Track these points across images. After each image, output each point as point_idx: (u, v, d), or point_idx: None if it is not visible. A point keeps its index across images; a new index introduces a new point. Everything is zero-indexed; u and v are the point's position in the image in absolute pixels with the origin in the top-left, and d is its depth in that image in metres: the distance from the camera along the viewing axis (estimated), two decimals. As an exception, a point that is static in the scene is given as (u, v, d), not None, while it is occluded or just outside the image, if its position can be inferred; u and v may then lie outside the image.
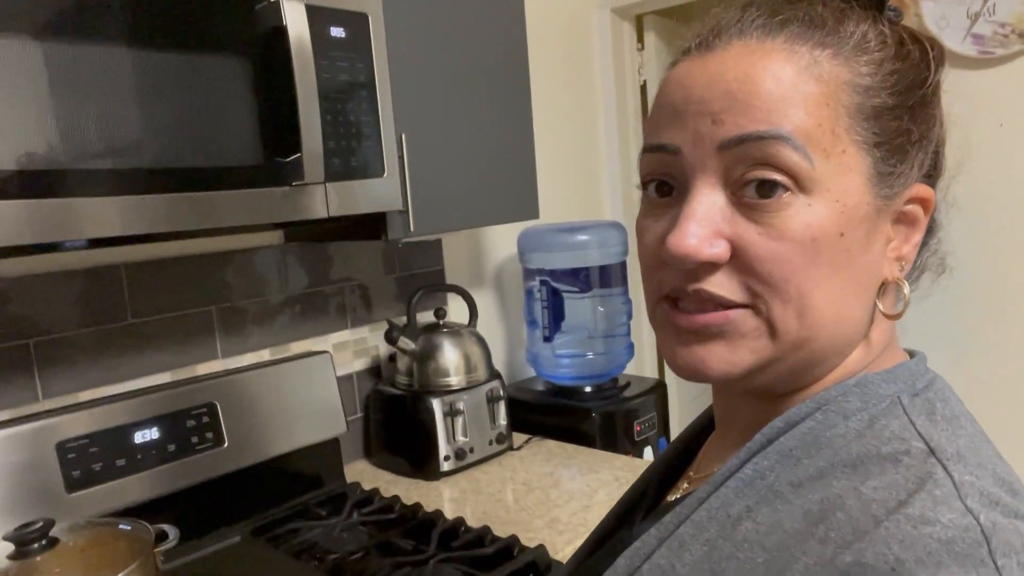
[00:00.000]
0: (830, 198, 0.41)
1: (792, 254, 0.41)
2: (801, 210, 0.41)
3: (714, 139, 0.42)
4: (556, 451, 1.52)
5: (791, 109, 0.41)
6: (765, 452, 0.43)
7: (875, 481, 0.38)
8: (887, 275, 0.45)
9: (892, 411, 0.42)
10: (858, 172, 0.42)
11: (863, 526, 0.36)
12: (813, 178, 0.41)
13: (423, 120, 1.23)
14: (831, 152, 0.41)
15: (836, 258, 0.42)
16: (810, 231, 0.41)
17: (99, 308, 1.17)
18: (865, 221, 0.42)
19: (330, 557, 1.10)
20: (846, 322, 0.44)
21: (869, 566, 0.35)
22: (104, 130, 0.82)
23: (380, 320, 1.57)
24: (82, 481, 1.06)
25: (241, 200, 0.94)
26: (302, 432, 1.32)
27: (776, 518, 0.40)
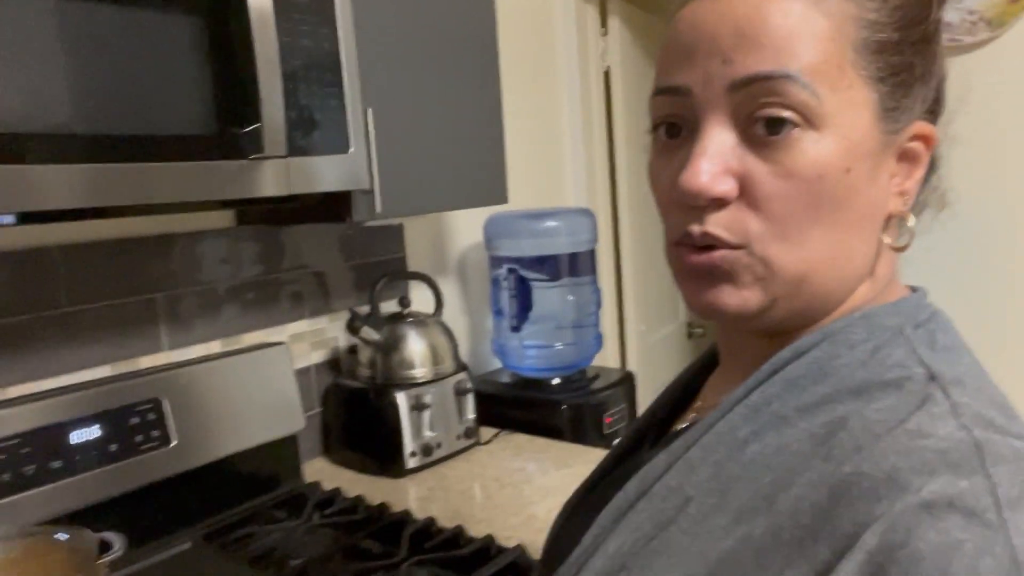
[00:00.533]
0: (838, 133, 0.42)
1: (798, 191, 0.42)
2: (810, 146, 0.42)
3: (724, 79, 0.42)
4: (526, 445, 1.47)
5: (799, 45, 0.41)
6: (772, 380, 0.44)
7: (877, 404, 0.40)
8: (891, 209, 0.46)
9: (895, 341, 0.44)
10: (864, 107, 0.43)
11: (863, 442, 0.38)
12: (821, 113, 0.41)
13: (390, 95, 1.16)
14: (838, 86, 0.42)
15: (841, 194, 0.42)
16: (816, 167, 0.42)
17: (30, 295, 1.06)
18: (871, 156, 0.43)
19: (291, 563, 1.02)
20: (849, 257, 0.45)
21: (866, 474, 0.37)
22: (30, 90, 0.72)
23: (339, 310, 1.48)
24: (13, 486, 0.96)
25: (191, 173, 0.86)
26: (257, 429, 1.23)
27: (782, 440, 0.41)
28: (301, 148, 0.96)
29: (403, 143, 1.19)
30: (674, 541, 0.42)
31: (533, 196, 1.96)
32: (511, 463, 1.38)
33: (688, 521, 0.42)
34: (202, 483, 1.16)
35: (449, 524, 1.10)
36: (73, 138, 0.76)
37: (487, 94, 1.36)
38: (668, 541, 0.42)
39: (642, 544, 0.43)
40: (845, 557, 0.35)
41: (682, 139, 0.46)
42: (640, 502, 0.45)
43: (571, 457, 1.39)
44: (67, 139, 0.75)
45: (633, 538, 0.44)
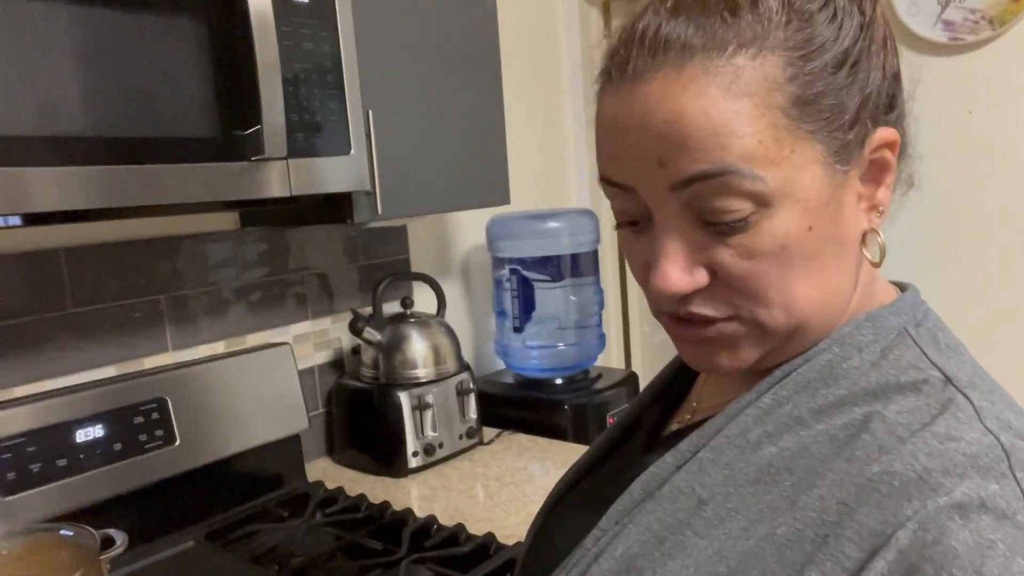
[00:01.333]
0: (790, 202, 0.41)
1: (766, 267, 0.42)
2: (767, 225, 0.41)
3: (664, 181, 0.42)
4: (528, 445, 1.47)
5: (727, 138, 0.40)
6: (783, 383, 0.45)
7: (897, 406, 0.41)
8: (866, 227, 0.45)
9: (902, 342, 0.44)
10: (812, 162, 0.41)
11: (889, 444, 0.39)
12: (769, 192, 0.41)
13: (391, 97, 1.17)
14: (779, 159, 0.41)
15: (810, 249, 0.42)
16: (777, 240, 0.42)
17: (37, 296, 1.08)
18: (831, 202, 0.43)
19: (294, 560, 1.02)
20: (836, 292, 0.45)
21: (897, 473, 0.37)
22: (38, 93, 0.74)
23: (342, 311, 1.49)
24: (19, 484, 0.97)
25: (194, 175, 0.87)
26: (260, 429, 1.24)
27: (801, 443, 0.42)
28: (303, 150, 0.97)
29: (404, 144, 1.20)
30: (688, 543, 0.42)
31: (535, 197, 1.97)
32: (513, 463, 1.38)
33: (703, 524, 0.42)
34: (206, 482, 1.17)
35: (450, 523, 1.11)
36: (80, 141, 0.77)
37: (489, 95, 1.37)
38: (682, 543, 0.42)
39: (653, 546, 0.43)
40: (878, 555, 0.35)
41: (644, 226, 0.46)
42: (647, 503, 0.45)
43: (573, 457, 1.38)
44: (75, 142, 0.76)
45: (641, 540, 0.44)
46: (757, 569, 0.39)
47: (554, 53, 2.02)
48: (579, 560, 0.47)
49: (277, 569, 1.01)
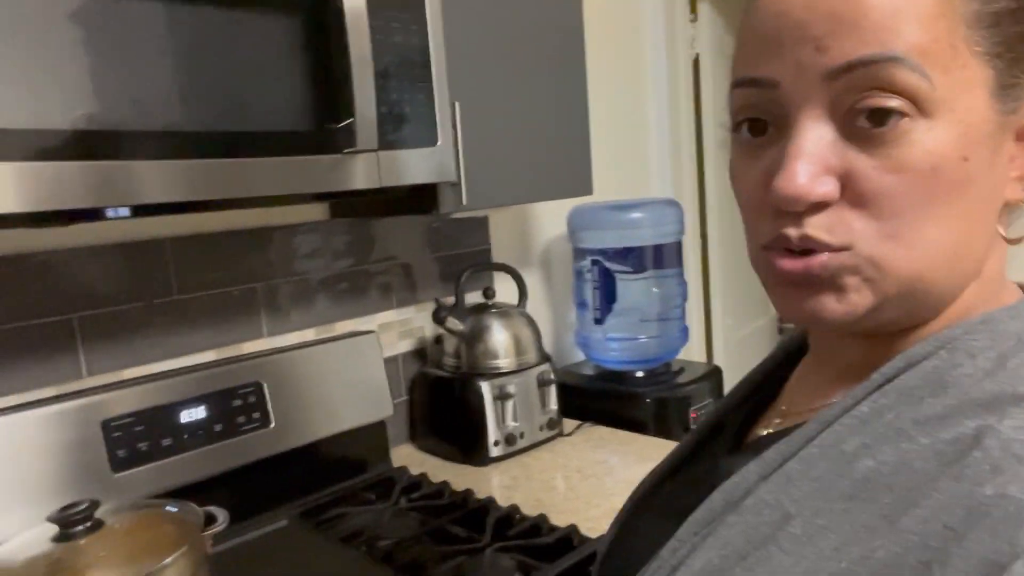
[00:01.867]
0: (953, 119, 0.37)
1: (910, 187, 0.38)
2: (922, 136, 0.37)
3: (819, 68, 0.38)
4: (608, 438, 1.46)
5: (904, 24, 0.36)
6: (883, 390, 0.40)
7: (1014, 421, 0.35)
8: (1009, 196, 0.41)
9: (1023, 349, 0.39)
10: (980, 86, 0.38)
11: (1004, 463, 0.34)
12: (933, 99, 0.37)
13: (477, 89, 1.17)
14: (951, 67, 0.37)
15: (958, 186, 0.38)
16: (931, 159, 0.37)
17: (144, 283, 1.14)
18: (989, 140, 0.38)
19: (380, 543, 1.05)
20: (965, 254, 0.40)
21: (1012, 498, 0.33)
22: (142, 91, 0.77)
23: (425, 300, 1.52)
24: (128, 461, 1.03)
25: (287, 168, 0.89)
26: (348, 414, 1.28)
27: (903, 457, 0.37)
28: (392, 142, 0.99)
29: (489, 136, 1.20)
30: (774, 560, 0.38)
31: (618, 187, 1.95)
32: (593, 455, 1.38)
33: (789, 540, 0.38)
34: (298, 464, 1.22)
35: (532, 513, 1.11)
36: (179, 135, 0.80)
37: (572, 85, 1.36)
38: (766, 560, 0.39)
39: (734, 562, 0.40)
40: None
41: (769, 137, 0.41)
42: (729, 516, 0.42)
43: (655, 451, 1.37)
44: (173, 136, 0.80)
45: (722, 555, 0.40)
46: None
47: (638, 42, 1.98)
48: (655, 572, 0.44)
49: (366, 550, 1.04)
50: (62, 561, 0.77)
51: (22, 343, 1.03)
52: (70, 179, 0.72)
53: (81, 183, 0.73)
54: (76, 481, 0.98)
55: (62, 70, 0.71)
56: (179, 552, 0.78)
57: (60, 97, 0.71)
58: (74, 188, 0.72)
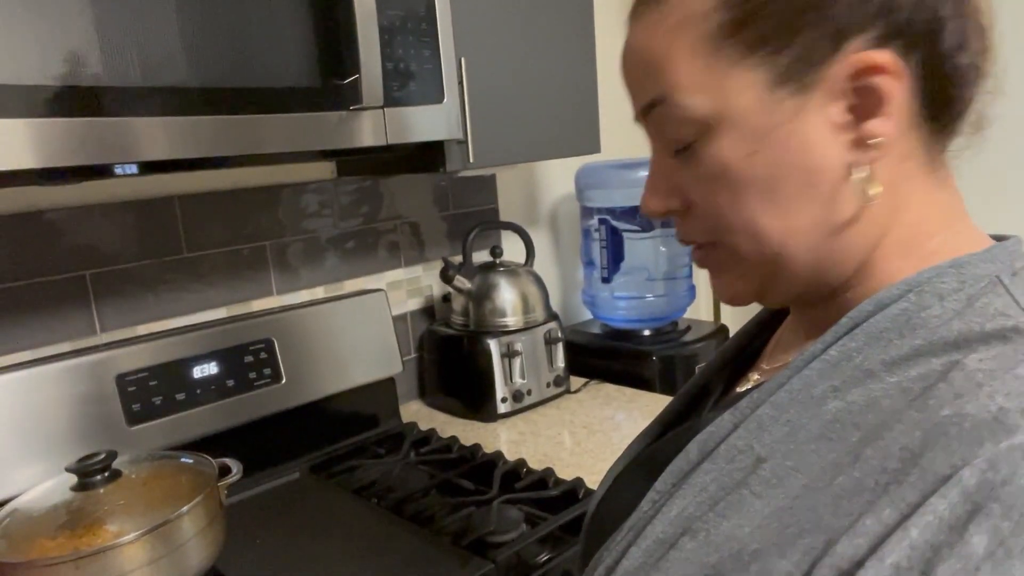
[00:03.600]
0: (727, 126, 0.42)
1: (716, 190, 0.43)
2: (710, 149, 0.43)
3: (636, 113, 0.47)
4: (615, 395, 1.48)
5: (663, 70, 0.43)
6: (852, 334, 0.41)
7: (979, 355, 0.37)
8: (849, 160, 0.41)
9: (993, 290, 0.40)
10: (748, 88, 0.41)
11: (965, 390, 0.35)
12: (705, 117, 0.42)
13: (483, 45, 1.16)
14: (711, 86, 0.42)
15: (759, 177, 0.42)
16: (719, 164, 0.43)
17: (154, 241, 1.15)
18: (779, 129, 0.41)
19: (391, 495, 1.08)
20: (817, 226, 0.42)
21: (969, 415, 0.34)
22: (150, 47, 0.77)
23: (433, 259, 1.53)
24: (142, 414, 1.05)
25: (294, 124, 0.89)
26: (358, 371, 1.30)
27: (871, 396, 0.38)
28: (398, 99, 0.98)
29: (496, 92, 1.19)
30: (745, 504, 0.39)
31: (626, 145, 1.93)
32: (601, 412, 1.40)
33: (760, 483, 0.39)
34: (309, 419, 1.24)
35: (538, 467, 1.13)
36: (186, 92, 0.80)
37: (580, 42, 1.34)
38: (738, 503, 0.40)
39: (707, 507, 0.41)
40: (936, 494, 0.33)
41: None
42: (704, 463, 0.43)
43: (660, 408, 1.38)
44: (181, 92, 0.80)
45: (697, 501, 0.42)
46: (811, 523, 0.36)
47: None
48: (635, 523, 0.45)
49: (376, 502, 1.06)
50: (82, 509, 0.80)
51: (37, 299, 1.05)
52: (79, 135, 0.73)
53: (90, 139, 0.73)
54: (92, 434, 1.01)
55: (70, 26, 0.71)
56: (195, 501, 0.81)
57: (68, 53, 0.71)
58: (83, 144, 0.73)
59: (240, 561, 0.94)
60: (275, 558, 0.96)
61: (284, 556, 0.96)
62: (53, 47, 0.70)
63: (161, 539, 0.77)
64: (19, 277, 1.03)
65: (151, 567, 0.77)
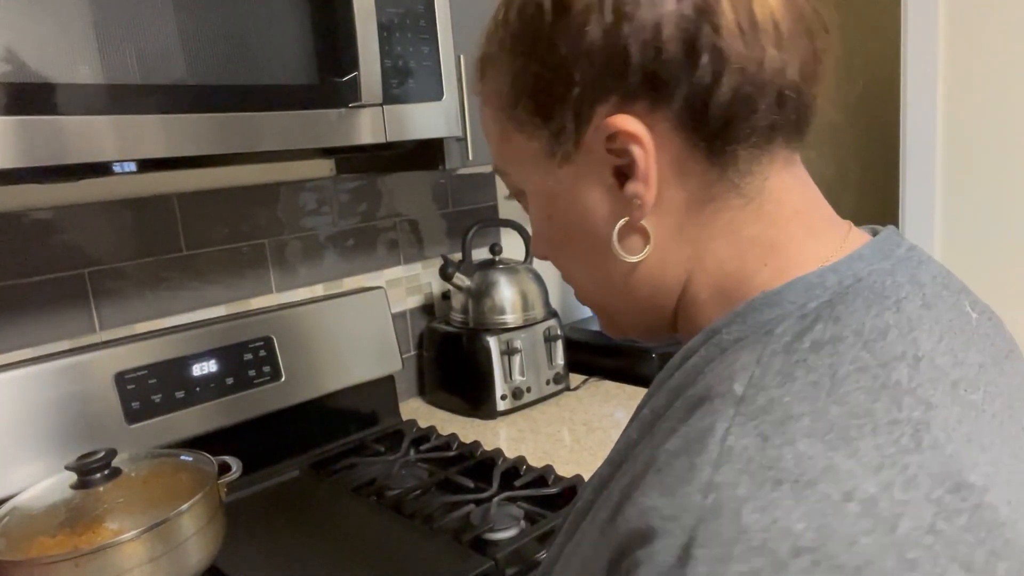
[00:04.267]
0: (530, 193, 0.47)
1: (542, 246, 0.49)
2: (529, 209, 0.48)
3: None
4: (615, 392, 1.48)
5: (490, 142, 0.48)
6: (659, 392, 0.43)
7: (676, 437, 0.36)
8: (621, 220, 0.42)
9: (755, 342, 0.38)
10: (530, 158, 0.45)
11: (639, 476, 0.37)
12: (515, 184, 0.48)
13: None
14: (512, 158, 0.46)
15: (559, 238, 0.46)
16: (533, 226, 0.48)
17: (153, 239, 1.15)
18: (562, 196, 0.44)
19: (390, 493, 1.08)
20: (615, 283, 0.45)
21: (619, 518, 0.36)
22: (147, 45, 0.77)
23: (432, 257, 1.52)
24: (142, 412, 1.05)
25: (292, 122, 0.89)
26: (357, 369, 1.30)
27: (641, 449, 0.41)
28: (397, 96, 0.98)
29: (495, 90, 1.19)
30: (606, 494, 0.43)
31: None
32: (600, 409, 1.40)
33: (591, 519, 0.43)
34: (308, 417, 1.24)
35: (538, 464, 1.13)
36: (184, 89, 0.80)
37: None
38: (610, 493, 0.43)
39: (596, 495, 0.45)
40: None
41: None
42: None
43: (660, 405, 1.39)
44: (178, 90, 0.80)
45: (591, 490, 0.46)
46: None
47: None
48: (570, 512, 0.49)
49: (376, 500, 1.06)
50: (81, 507, 0.80)
51: (36, 298, 1.05)
52: (76, 133, 0.72)
53: (88, 137, 0.73)
54: (92, 432, 1.01)
55: (67, 24, 0.71)
56: (195, 499, 0.81)
57: (65, 50, 0.71)
58: (79, 142, 0.73)
59: (240, 559, 0.94)
60: (275, 556, 0.96)
61: (284, 554, 0.96)
62: (51, 45, 0.70)
63: (161, 537, 0.77)
64: (18, 275, 1.03)
65: (151, 565, 0.77)
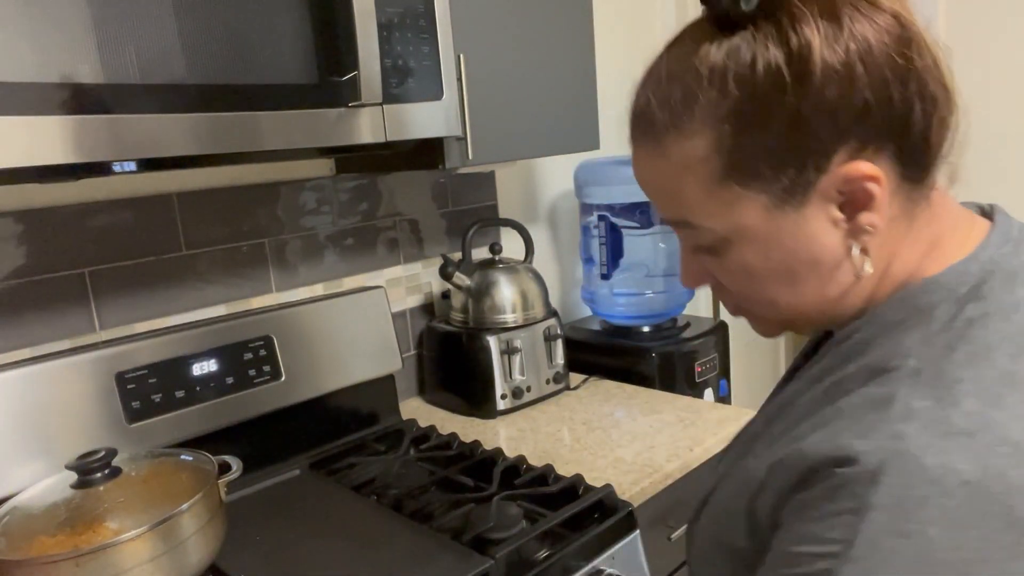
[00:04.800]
0: (743, 240, 0.49)
1: (739, 279, 0.51)
2: (730, 256, 0.50)
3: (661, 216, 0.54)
4: (615, 391, 1.48)
5: (677, 198, 0.49)
6: (832, 353, 0.51)
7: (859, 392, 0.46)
8: (849, 244, 0.48)
9: (917, 323, 0.47)
10: (754, 210, 0.47)
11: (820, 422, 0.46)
12: (721, 235, 0.49)
13: (482, 42, 1.16)
14: (721, 212, 0.48)
15: (776, 271, 0.49)
16: (742, 268, 0.50)
17: (153, 238, 1.15)
18: (787, 232, 0.48)
19: (390, 492, 1.08)
20: (822, 297, 0.50)
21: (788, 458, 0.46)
22: (147, 44, 0.77)
23: (432, 256, 1.52)
24: (142, 412, 1.05)
25: (292, 121, 0.89)
26: (357, 368, 1.30)
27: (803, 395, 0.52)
28: (397, 95, 0.98)
29: (495, 89, 1.19)
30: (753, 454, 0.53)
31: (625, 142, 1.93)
32: (600, 408, 1.40)
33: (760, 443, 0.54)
34: (309, 416, 1.24)
35: (538, 463, 1.13)
36: (184, 89, 0.80)
37: (579, 38, 1.34)
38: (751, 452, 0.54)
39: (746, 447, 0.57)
40: None
41: None
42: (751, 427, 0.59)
43: (660, 404, 1.39)
44: (178, 90, 0.80)
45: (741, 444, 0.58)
46: None
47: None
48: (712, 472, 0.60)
49: (376, 499, 1.06)
50: (82, 507, 0.80)
51: (36, 297, 1.05)
52: (77, 133, 0.72)
53: (88, 137, 0.73)
54: (92, 432, 1.01)
55: (68, 24, 0.71)
56: (195, 498, 0.81)
57: (65, 50, 0.71)
58: (81, 142, 0.73)
59: (240, 558, 0.94)
60: (275, 555, 0.96)
61: (284, 553, 0.96)
62: (51, 45, 0.70)
63: (161, 536, 0.77)
64: (18, 275, 1.03)
65: (151, 564, 0.77)
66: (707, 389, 1.60)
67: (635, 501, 1.06)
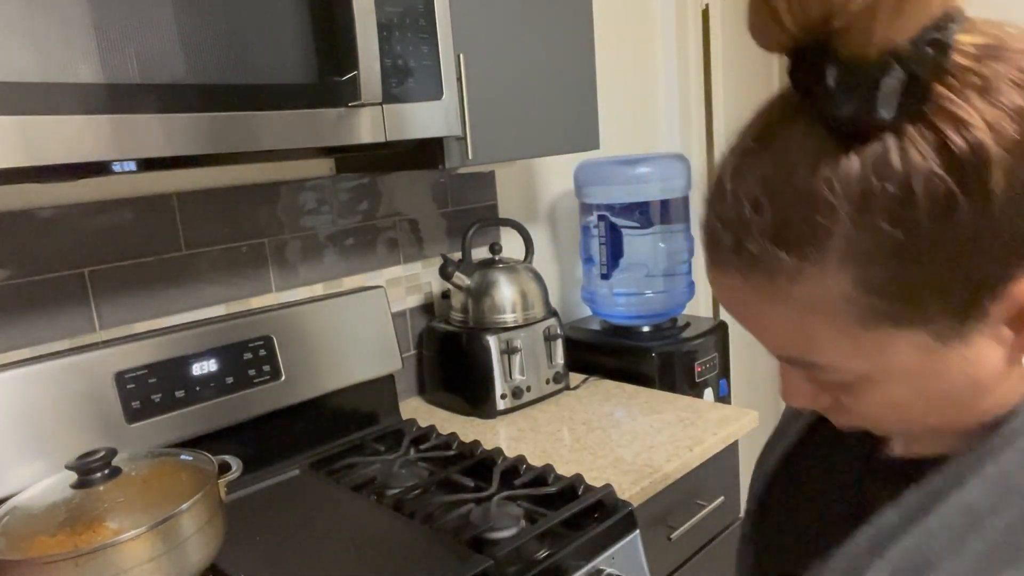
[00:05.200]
0: (888, 379, 0.41)
1: (881, 414, 0.43)
2: (869, 394, 0.42)
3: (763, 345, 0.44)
4: (614, 391, 1.48)
5: (801, 343, 0.40)
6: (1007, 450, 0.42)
7: None
8: (1011, 359, 0.41)
9: None
10: (904, 348, 0.39)
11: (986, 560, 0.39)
12: (861, 377, 0.41)
13: (482, 41, 1.16)
14: (862, 354, 0.39)
15: (926, 403, 0.42)
16: (886, 404, 0.42)
17: (152, 238, 1.15)
18: (947, 370, 0.40)
19: (390, 492, 1.08)
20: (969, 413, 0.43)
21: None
22: (147, 44, 0.77)
23: (432, 256, 1.52)
24: (142, 412, 1.05)
25: (292, 121, 0.89)
26: (357, 368, 1.30)
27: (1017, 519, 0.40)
28: (397, 95, 0.98)
29: (495, 89, 1.19)
30: None
31: (625, 141, 1.93)
32: (600, 408, 1.40)
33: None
34: (308, 416, 1.24)
35: (538, 463, 1.13)
36: (183, 88, 0.80)
37: (579, 38, 1.34)
38: None
39: None
40: None
41: None
42: (876, 560, 0.44)
43: (660, 404, 1.39)
44: (180, 89, 0.80)
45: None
46: None
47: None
48: None
49: (375, 499, 1.07)
50: (81, 507, 0.80)
51: (36, 297, 1.05)
52: (75, 133, 0.72)
53: (87, 137, 0.73)
54: (92, 432, 1.01)
55: (68, 23, 0.71)
56: (195, 498, 0.81)
57: (64, 50, 0.71)
58: (79, 142, 0.73)
59: (240, 558, 0.94)
60: (275, 555, 0.96)
61: (284, 553, 0.96)
62: (51, 45, 0.70)
63: (161, 536, 0.77)
64: (18, 275, 1.03)
65: (151, 564, 0.77)
66: (707, 389, 1.61)
67: (635, 501, 1.06)
